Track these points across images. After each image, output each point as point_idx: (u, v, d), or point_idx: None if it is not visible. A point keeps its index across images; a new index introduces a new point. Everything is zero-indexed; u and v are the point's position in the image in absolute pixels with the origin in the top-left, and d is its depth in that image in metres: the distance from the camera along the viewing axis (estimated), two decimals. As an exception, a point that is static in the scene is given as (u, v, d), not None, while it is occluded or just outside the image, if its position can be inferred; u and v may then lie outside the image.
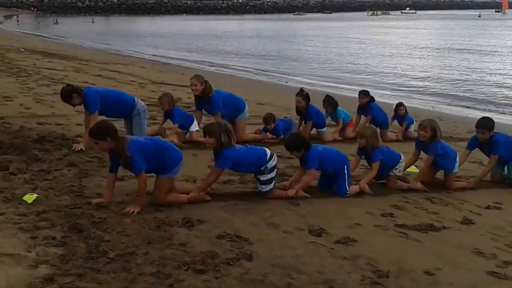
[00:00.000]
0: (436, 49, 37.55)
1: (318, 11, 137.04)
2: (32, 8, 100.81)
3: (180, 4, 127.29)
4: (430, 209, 5.74)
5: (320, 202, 5.75)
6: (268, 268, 4.02)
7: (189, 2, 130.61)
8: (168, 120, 8.25)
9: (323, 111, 9.12)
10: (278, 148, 7.17)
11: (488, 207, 5.98)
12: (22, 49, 24.24)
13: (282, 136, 8.51)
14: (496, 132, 6.85)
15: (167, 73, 20.59)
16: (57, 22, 68.98)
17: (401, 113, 9.45)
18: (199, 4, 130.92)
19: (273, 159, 5.72)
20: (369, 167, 6.57)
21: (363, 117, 9.40)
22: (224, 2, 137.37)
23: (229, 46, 39.68)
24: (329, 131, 9.10)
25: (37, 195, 4.99)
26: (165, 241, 4.33)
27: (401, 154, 6.58)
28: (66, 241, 4.20)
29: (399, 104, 9.58)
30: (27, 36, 41.92)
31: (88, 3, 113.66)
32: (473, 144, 7.05)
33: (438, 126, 6.60)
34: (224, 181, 6.09)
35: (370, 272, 4.09)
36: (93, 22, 73.26)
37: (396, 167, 6.41)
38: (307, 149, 5.96)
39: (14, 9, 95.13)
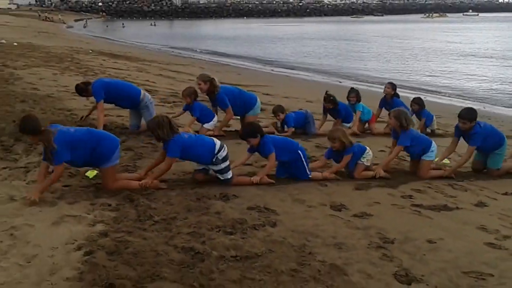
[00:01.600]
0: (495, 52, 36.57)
1: (379, 14, 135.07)
2: (100, 13, 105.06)
3: (241, 8, 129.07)
4: (449, 194, 6.15)
5: (346, 184, 6.29)
6: (288, 232, 4.64)
7: (250, 5, 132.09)
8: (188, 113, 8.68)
9: (345, 102, 9.45)
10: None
11: (505, 194, 6.32)
12: (90, 51, 25.79)
13: (293, 128, 8.89)
14: (479, 123, 7.02)
15: (223, 73, 21.44)
16: (124, 26, 71.68)
17: (414, 109, 9.51)
18: (260, 7, 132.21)
19: (223, 149, 5.92)
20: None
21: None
22: (285, 5, 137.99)
23: (288, 48, 40.13)
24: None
25: (97, 172, 5.81)
26: (203, 210, 5.04)
27: (367, 147, 6.81)
28: (119, 207, 5.01)
29: (413, 100, 9.66)
30: (96, 39, 44.12)
31: (153, 7, 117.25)
32: (457, 132, 7.21)
33: (406, 116, 6.84)
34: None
35: (377, 239, 4.63)
36: (154, 25, 75.53)
37: (364, 156, 6.62)
38: (262, 135, 6.20)
39: (84, 13, 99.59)
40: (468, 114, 7.03)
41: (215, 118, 8.56)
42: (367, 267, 4.08)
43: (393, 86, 9.65)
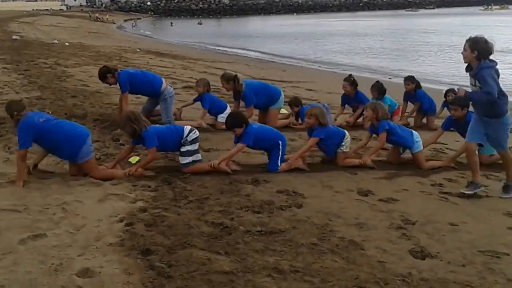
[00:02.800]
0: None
1: (438, 6, 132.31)
2: (149, 12, 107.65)
3: (291, 3, 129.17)
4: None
5: (376, 172, 6.65)
6: (313, 213, 5.09)
7: (300, 1, 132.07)
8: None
9: (370, 96, 9.61)
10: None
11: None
12: (138, 50, 26.84)
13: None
14: (471, 112, 6.97)
15: (268, 70, 21.96)
16: (172, 25, 73.26)
17: (449, 99, 9.25)
18: (310, 2, 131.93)
19: (193, 132, 6.25)
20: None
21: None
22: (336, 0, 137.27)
23: (340, 44, 40.00)
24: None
25: (139, 158, 6.42)
26: (234, 192, 5.56)
27: (346, 132, 7.01)
28: (158, 188, 5.60)
29: (449, 90, 9.60)
30: (144, 38, 45.52)
31: (201, 6, 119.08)
32: (448, 123, 7.26)
33: (381, 107, 7.01)
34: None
35: (399, 221, 5.02)
36: (200, 24, 76.78)
37: (342, 143, 6.81)
38: (247, 125, 6.42)
39: (133, 13, 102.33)
40: (459, 101, 7.00)
41: (228, 109, 8.81)
42: (384, 244, 4.48)
43: (412, 80, 9.75)
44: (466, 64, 5.74)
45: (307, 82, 16.88)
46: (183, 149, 6.19)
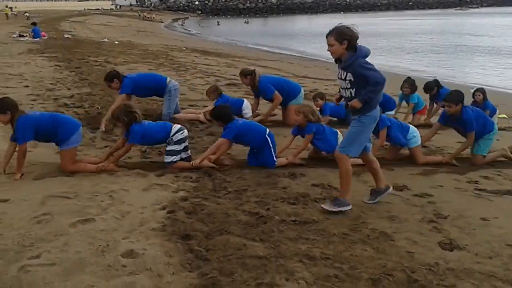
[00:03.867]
0: None
1: (488, 5, 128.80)
2: (197, 11, 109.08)
3: (338, 2, 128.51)
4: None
5: (413, 169, 6.76)
6: (347, 206, 5.27)
7: (347, 0, 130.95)
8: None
9: (399, 92, 9.64)
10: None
11: None
12: (184, 48, 27.45)
13: (328, 117, 9.08)
14: (466, 107, 7.05)
15: (312, 68, 22.12)
16: (219, 24, 74.07)
17: (478, 99, 9.36)
18: (358, 1, 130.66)
19: (180, 132, 6.40)
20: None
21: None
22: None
23: (390, 43, 39.57)
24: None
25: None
26: (271, 185, 5.80)
27: (338, 131, 7.03)
28: (199, 179, 5.91)
29: (477, 90, 9.54)
30: (190, 37, 46.35)
31: (248, 5, 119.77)
32: (443, 118, 7.24)
33: None
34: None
35: (432, 215, 5.14)
36: (247, 23, 77.24)
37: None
38: (227, 122, 6.55)
39: (181, 12, 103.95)
40: (452, 97, 7.00)
41: (245, 103, 9.07)
42: (415, 236, 4.62)
43: (435, 82, 9.75)
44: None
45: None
46: (168, 148, 6.40)
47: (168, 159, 6.37)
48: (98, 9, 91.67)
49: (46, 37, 27.95)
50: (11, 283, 3.59)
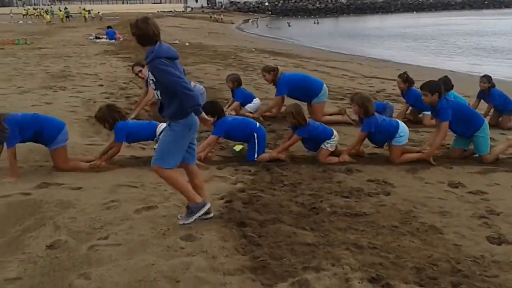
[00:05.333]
0: None
1: None
2: (267, 12, 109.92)
3: (411, 2, 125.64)
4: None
5: (470, 167, 6.76)
6: (399, 201, 5.42)
7: (420, 0, 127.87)
8: None
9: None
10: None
11: None
12: (253, 49, 27.90)
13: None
14: (445, 98, 6.92)
15: (382, 69, 21.94)
16: (289, 25, 74.31)
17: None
18: (431, 0, 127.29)
19: None
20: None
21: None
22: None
23: (468, 42, 38.42)
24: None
25: (243, 146, 7.08)
26: (326, 179, 6.02)
27: (334, 131, 7.02)
28: (257, 173, 6.23)
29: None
30: (260, 38, 46.85)
31: (318, 5, 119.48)
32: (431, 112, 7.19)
33: (370, 102, 6.91)
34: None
35: (484, 211, 5.19)
36: (317, 23, 77.01)
37: (328, 141, 6.85)
38: (217, 117, 6.71)
39: (251, 13, 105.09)
40: (428, 86, 6.94)
41: (256, 100, 9.45)
42: (464, 230, 4.71)
43: (488, 79, 9.46)
44: None
45: (420, 81, 16.74)
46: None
47: None
48: (171, 11, 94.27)
49: (121, 39, 29.25)
50: (81, 259, 4.03)
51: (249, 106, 9.44)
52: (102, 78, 13.99)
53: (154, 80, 4.45)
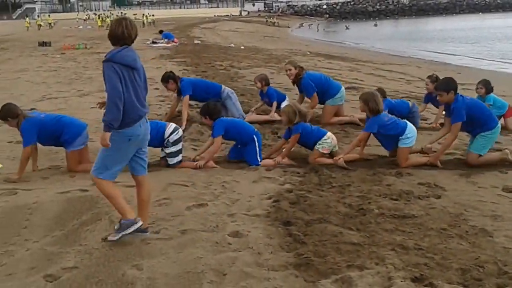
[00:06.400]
0: None
1: None
2: (325, 15, 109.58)
3: (476, 2, 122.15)
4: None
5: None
6: (450, 204, 5.45)
7: (487, 0, 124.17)
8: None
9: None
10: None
11: None
12: (308, 52, 28.02)
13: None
14: (459, 95, 6.66)
15: (441, 72, 21.41)
16: (347, 28, 73.88)
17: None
18: (498, 0, 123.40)
19: (175, 133, 6.60)
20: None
21: None
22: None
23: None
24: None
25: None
26: (376, 182, 6.11)
27: (328, 132, 7.07)
28: (305, 175, 6.40)
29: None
30: (316, 41, 46.87)
31: (378, 7, 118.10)
32: (447, 112, 6.90)
33: (377, 99, 6.78)
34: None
35: (539, 215, 5.16)
36: (376, 25, 76.16)
37: (320, 142, 6.89)
38: (215, 119, 6.86)
39: (308, 17, 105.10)
40: (442, 85, 6.78)
41: (286, 100, 9.38)
42: (516, 235, 4.72)
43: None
44: None
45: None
46: (167, 150, 6.67)
47: (172, 161, 6.70)
48: (227, 15, 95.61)
49: (177, 43, 30.02)
50: (134, 251, 4.33)
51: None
52: (157, 81, 14.41)
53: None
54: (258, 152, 6.85)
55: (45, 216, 5.08)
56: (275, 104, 9.36)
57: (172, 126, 6.69)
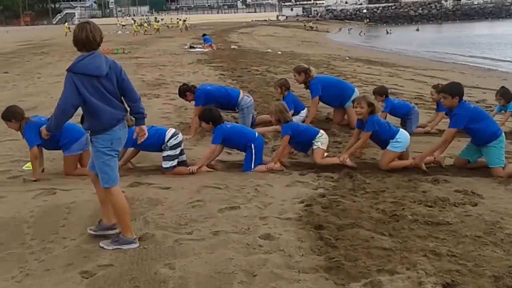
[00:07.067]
0: None
1: None
2: (365, 20, 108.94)
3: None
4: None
5: None
6: (486, 211, 5.44)
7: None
8: None
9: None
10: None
11: None
12: (347, 58, 27.97)
13: (385, 114, 8.89)
14: (463, 103, 6.66)
15: (485, 79, 21.28)
16: (388, 32, 73.28)
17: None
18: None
19: (174, 137, 6.73)
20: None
21: None
22: None
23: None
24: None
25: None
26: (411, 188, 6.14)
27: (321, 130, 7.18)
28: (339, 180, 6.47)
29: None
30: (356, 46, 46.67)
31: (420, 11, 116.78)
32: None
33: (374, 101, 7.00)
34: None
35: None
36: (418, 30, 75.36)
37: (316, 140, 6.99)
38: (214, 124, 6.98)
39: (348, 21, 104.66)
40: (448, 88, 6.75)
41: (304, 111, 9.43)
42: (554, 243, 4.69)
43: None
44: None
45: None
46: (164, 153, 6.79)
47: (167, 164, 6.80)
48: (265, 20, 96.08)
49: (215, 48, 30.40)
50: (167, 251, 4.49)
51: (295, 118, 8.96)
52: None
53: None
54: (254, 159, 6.94)
55: (82, 215, 5.30)
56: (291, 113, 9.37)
57: (172, 131, 6.88)
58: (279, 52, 29.59)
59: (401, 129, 7.11)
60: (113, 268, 4.20)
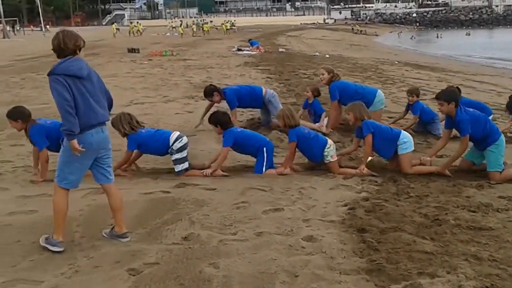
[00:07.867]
0: None
1: None
2: (415, 24, 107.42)
3: None
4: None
5: None
6: (531, 219, 5.39)
7: None
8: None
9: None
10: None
11: None
12: (396, 62, 27.73)
13: (418, 117, 9.04)
14: (460, 108, 6.64)
15: (535, 85, 20.78)
16: (438, 36, 72.10)
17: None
18: None
19: (179, 140, 6.74)
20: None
21: None
22: None
23: None
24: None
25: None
26: (454, 193, 6.13)
27: (328, 140, 7.16)
28: (383, 184, 6.52)
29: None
30: (405, 51, 46.18)
31: (471, 16, 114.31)
32: (448, 122, 6.91)
33: (363, 108, 7.09)
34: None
35: None
36: (468, 34, 73.83)
37: (325, 152, 6.98)
38: (224, 128, 6.98)
39: (397, 25, 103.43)
40: (443, 94, 6.75)
41: (322, 116, 9.41)
42: None
43: None
44: None
45: None
46: (172, 157, 6.84)
47: (178, 168, 6.85)
48: (313, 23, 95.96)
49: (262, 51, 30.63)
50: (212, 251, 4.65)
51: (316, 124, 9.30)
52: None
53: None
54: (265, 162, 6.99)
55: (129, 215, 5.47)
56: (324, 114, 9.50)
57: (176, 134, 6.92)
58: (327, 56, 29.60)
59: (401, 130, 7.25)
60: (159, 266, 4.38)
